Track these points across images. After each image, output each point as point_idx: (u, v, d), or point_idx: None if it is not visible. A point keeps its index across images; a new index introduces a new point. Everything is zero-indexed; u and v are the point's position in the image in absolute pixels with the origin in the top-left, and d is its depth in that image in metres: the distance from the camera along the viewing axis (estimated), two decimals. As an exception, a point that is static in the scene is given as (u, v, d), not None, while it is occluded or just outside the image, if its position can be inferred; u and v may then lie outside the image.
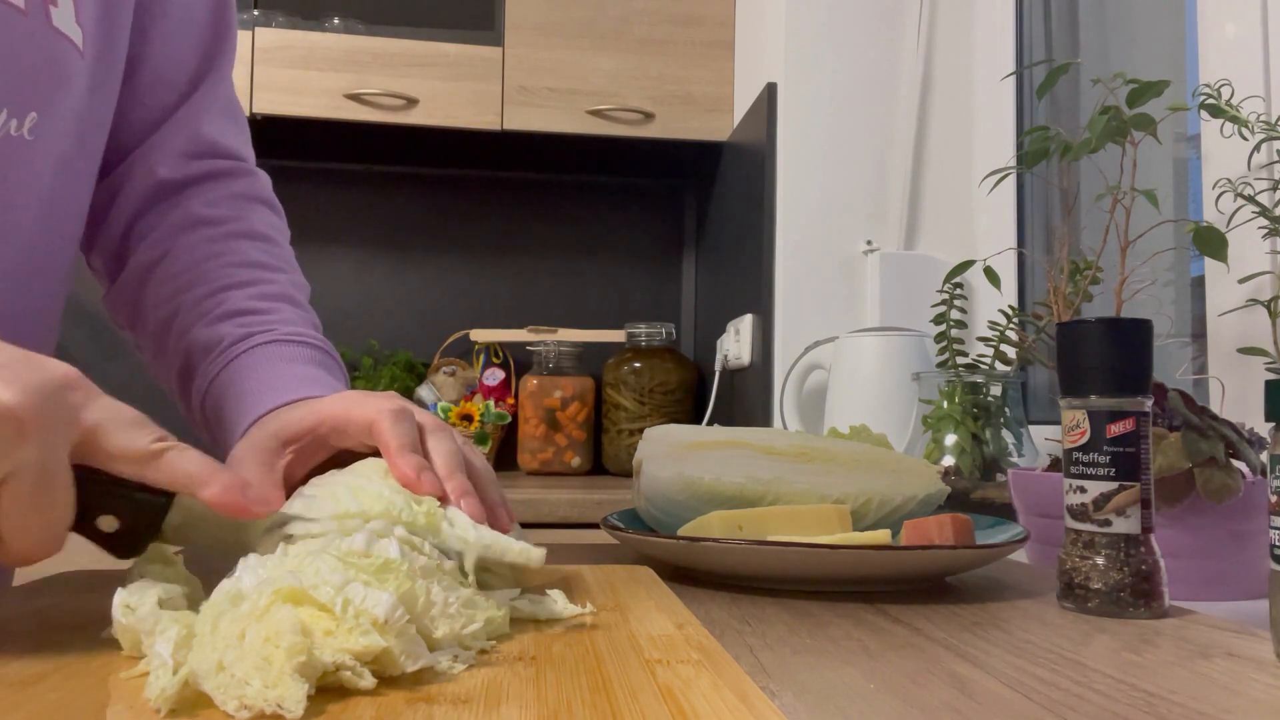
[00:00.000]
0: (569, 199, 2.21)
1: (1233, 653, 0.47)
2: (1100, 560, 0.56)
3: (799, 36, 1.64)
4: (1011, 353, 1.08)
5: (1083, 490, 0.57)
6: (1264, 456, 0.74)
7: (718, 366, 1.88)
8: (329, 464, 0.56)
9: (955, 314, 1.15)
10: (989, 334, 1.07)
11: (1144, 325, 0.58)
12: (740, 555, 0.60)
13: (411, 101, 1.81)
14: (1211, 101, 0.87)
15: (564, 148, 1.99)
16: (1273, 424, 0.46)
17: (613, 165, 2.13)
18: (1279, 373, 0.82)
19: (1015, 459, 1.05)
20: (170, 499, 0.44)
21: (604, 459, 2.03)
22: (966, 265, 1.08)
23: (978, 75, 1.64)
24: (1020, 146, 1.43)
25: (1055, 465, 0.83)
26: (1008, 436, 1.06)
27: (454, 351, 2.11)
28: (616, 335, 2.06)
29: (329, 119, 1.80)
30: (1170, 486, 0.70)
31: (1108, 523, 0.56)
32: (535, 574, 0.55)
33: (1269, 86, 0.97)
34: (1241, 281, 0.91)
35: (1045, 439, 1.09)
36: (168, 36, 0.70)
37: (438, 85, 1.82)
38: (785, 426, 1.55)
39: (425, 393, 1.99)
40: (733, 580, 0.63)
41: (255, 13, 1.80)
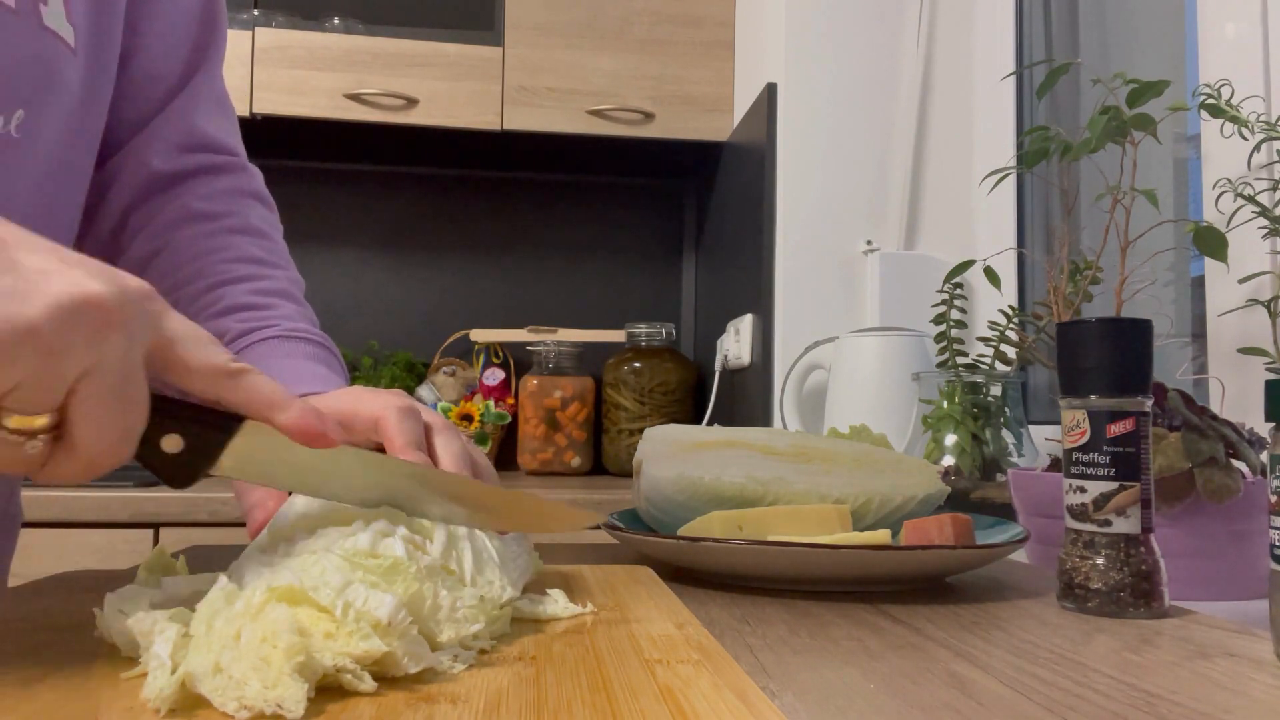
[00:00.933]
0: (569, 199, 2.21)
1: (1233, 653, 0.47)
2: (1100, 560, 0.56)
3: (799, 36, 1.64)
4: (1011, 353, 1.08)
5: (1083, 490, 0.57)
6: (1264, 456, 0.74)
7: (718, 366, 1.88)
8: None
9: (955, 314, 1.15)
10: (989, 334, 1.07)
11: (1144, 325, 0.58)
12: (740, 555, 0.60)
13: (411, 101, 1.81)
14: (1211, 101, 0.87)
15: (564, 148, 1.99)
16: (1273, 424, 0.46)
17: (613, 165, 2.13)
18: (1279, 373, 0.82)
19: (1015, 459, 1.05)
20: (239, 424, 0.41)
21: (604, 459, 2.03)
22: (966, 265, 1.08)
23: (978, 75, 1.64)
24: (1020, 146, 1.43)
25: (1055, 465, 0.83)
26: (1008, 436, 1.06)
27: (454, 351, 2.11)
28: (616, 335, 2.06)
29: (329, 119, 1.80)
30: (1170, 486, 0.70)
31: (1108, 523, 0.56)
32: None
33: (1269, 86, 0.97)
34: (1241, 281, 0.91)
35: (1045, 439, 1.09)
36: (159, 31, 0.70)
37: (438, 85, 1.82)
38: (785, 426, 1.54)
39: (425, 393, 1.99)
40: (733, 580, 0.63)
41: (255, 13, 1.80)
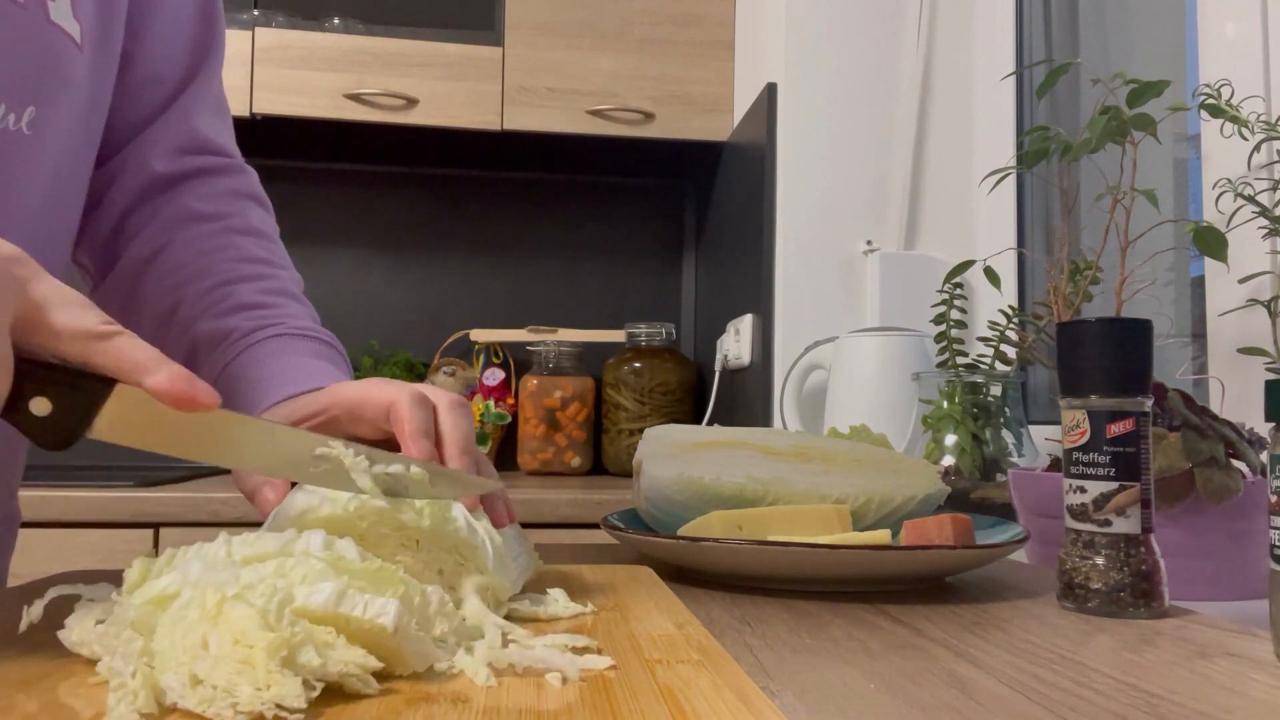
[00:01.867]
0: (569, 199, 2.21)
1: (1233, 653, 0.47)
2: (1100, 560, 0.56)
3: (799, 36, 1.64)
4: (1011, 353, 1.08)
5: (1083, 490, 0.57)
6: (1264, 456, 0.74)
7: (718, 366, 1.88)
8: None
9: (955, 314, 1.15)
10: (989, 334, 1.07)
11: (1144, 325, 0.58)
12: (740, 555, 0.60)
13: (411, 101, 1.81)
14: (1211, 101, 0.87)
15: (564, 148, 1.99)
16: (1273, 424, 0.46)
17: (613, 165, 2.13)
18: (1279, 373, 0.82)
19: (1015, 459, 1.05)
20: (110, 387, 0.41)
21: (604, 459, 2.03)
22: (966, 265, 1.08)
23: (978, 75, 1.64)
24: (1020, 146, 1.43)
25: (1055, 465, 0.83)
26: (1008, 436, 1.06)
27: (454, 351, 2.11)
28: (616, 335, 2.06)
29: (329, 119, 1.80)
30: (1170, 486, 0.70)
31: (1108, 523, 0.56)
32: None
33: (1269, 86, 0.97)
34: (1241, 281, 0.91)
35: (1045, 439, 1.09)
36: (159, 33, 0.70)
37: (437, 85, 1.82)
38: (785, 426, 1.54)
39: (425, 393, 1.98)
40: (733, 580, 0.63)
41: (255, 13, 1.79)
